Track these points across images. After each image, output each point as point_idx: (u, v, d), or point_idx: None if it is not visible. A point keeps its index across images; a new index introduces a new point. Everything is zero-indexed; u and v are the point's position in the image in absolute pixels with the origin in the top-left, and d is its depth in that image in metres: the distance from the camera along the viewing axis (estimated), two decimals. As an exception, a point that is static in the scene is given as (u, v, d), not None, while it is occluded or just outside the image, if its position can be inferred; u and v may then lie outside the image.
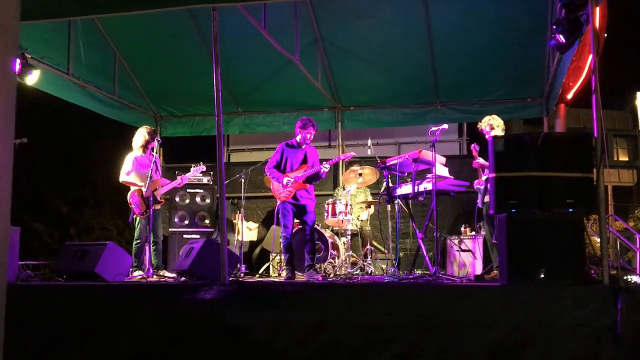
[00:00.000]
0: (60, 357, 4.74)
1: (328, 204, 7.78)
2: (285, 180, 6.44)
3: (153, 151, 7.11)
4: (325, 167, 6.41)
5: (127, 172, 7.01)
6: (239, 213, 8.29)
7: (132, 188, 7.00)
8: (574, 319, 4.05)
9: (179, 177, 7.24)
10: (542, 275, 4.34)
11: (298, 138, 6.59)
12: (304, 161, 6.57)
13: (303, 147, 6.59)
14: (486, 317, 4.21)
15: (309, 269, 6.34)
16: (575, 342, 4.00)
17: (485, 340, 4.15)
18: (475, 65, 8.32)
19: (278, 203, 6.62)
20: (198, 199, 8.69)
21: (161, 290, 5.25)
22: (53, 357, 4.77)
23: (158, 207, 7.03)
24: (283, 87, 9.15)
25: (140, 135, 7.10)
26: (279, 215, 6.59)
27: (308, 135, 6.52)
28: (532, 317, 4.12)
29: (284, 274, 6.71)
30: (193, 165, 7.31)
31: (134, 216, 7.00)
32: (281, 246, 6.59)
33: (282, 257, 6.74)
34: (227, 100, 9.40)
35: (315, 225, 7.72)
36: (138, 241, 6.93)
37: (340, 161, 9.56)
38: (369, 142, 7.41)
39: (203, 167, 7.31)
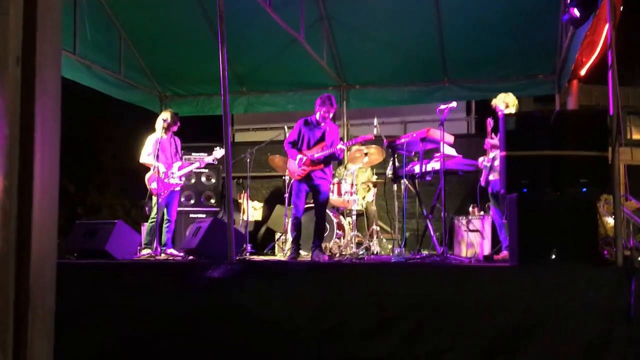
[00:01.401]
0: (69, 333, 4.71)
1: (334, 184, 7.69)
2: (298, 157, 6.32)
3: (170, 134, 7.26)
4: (341, 148, 6.28)
5: (148, 154, 7.14)
6: (244, 193, 8.22)
7: (152, 169, 7.03)
8: (587, 301, 3.96)
9: (196, 159, 7.42)
10: (554, 256, 4.25)
11: (317, 115, 6.45)
12: (322, 139, 6.43)
13: (322, 125, 6.45)
14: (496, 298, 4.13)
15: (315, 248, 6.27)
16: (588, 325, 3.91)
17: (496, 322, 4.07)
18: (484, 41, 8.15)
19: (292, 181, 6.57)
20: (204, 179, 8.64)
21: (170, 269, 5.23)
22: (62, 333, 4.75)
23: (177, 187, 7.22)
24: (288, 66, 9.02)
25: (164, 118, 7.21)
26: (292, 193, 6.52)
27: (326, 114, 6.37)
28: (544, 299, 4.04)
29: (288, 253, 6.65)
30: (216, 147, 7.32)
31: (152, 196, 7.09)
32: (290, 225, 6.53)
33: (290, 235, 6.67)
34: (232, 80, 9.20)
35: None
36: (153, 220, 6.97)
37: (346, 139, 9.50)
38: (375, 121, 7.30)
39: (221, 152, 7.26)
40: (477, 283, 4.30)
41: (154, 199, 7.03)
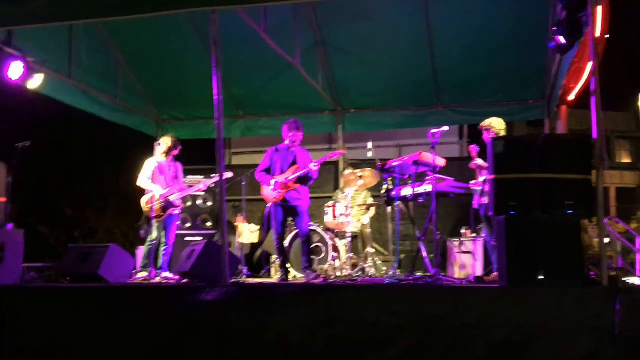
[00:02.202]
0: (62, 358, 4.76)
1: (328, 207, 7.78)
2: (272, 182, 6.50)
3: (168, 158, 7.32)
4: (314, 167, 6.43)
5: (147, 177, 7.20)
6: (240, 215, 8.29)
7: (150, 193, 7.09)
8: (574, 320, 4.05)
9: (193, 183, 7.50)
10: (542, 277, 4.33)
11: (286, 141, 6.64)
12: (294, 162, 6.63)
13: (292, 149, 6.65)
14: (486, 318, 4.22)
15: (306, 269, 6.39)
16: (575, 343, 4.00)
17: (486, 341, 4.15)
18: (476, 67, 8.30)
19: (268, 205, 6.70)
20: (199, 202, 8.71)
21: (163, 292, 5.28)
22: (55, 357, 4.79)
23: (176, 211, 7.28)
24: (284, 90, 9.14)
25: (165, 143, 7.31)
26: (270, 218, 6.66)
27: (295, 138, 6.61)
28: (532, 318, 4.13)
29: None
30: (213, 175, 7.43)
31: (149, 219, 7.12)
32: (275, 249, 6.64)
33: (278, 259, 6.77)
34: (228, 104, 9.39)
35: (317, 227, 7.74)
36: (151, 243, 7.01)
37: (342, 163, 9.61)
38: (370, 144, 7.41)
39: (230, 174, 7.34)
40: (468, 303, 4.38)
41: (153, 222, 7.07)
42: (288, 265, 7.02)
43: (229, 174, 7.27)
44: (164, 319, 4.79)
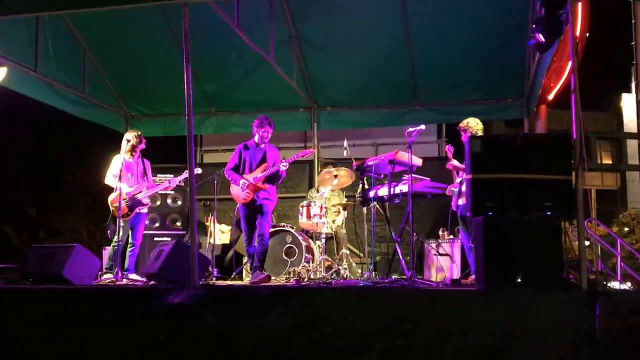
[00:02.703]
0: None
1: (302, 207, 7.72)
2: (241, 182, 6.44)
3: (134, 155, 7.16)
4: (284, 166, 6.40)
5: (114, 175, 7.05)
6: (211, 215, 8.19)
7: (116, 190, 6.96)
8: (552, 324, 4.06)
9: (162, 181, 7.36)
10: (520, 280, 4.33)
11: (256, 138, 6.62)
12: (263, 160, 6.57)
13: (262, 146, 6.61)
14: (463, 321, 4.21)
15: (255, 269, 6.36)
16: (553, 347, 4.00)
17: (462, 345, 4.14)
18: (454, 65, 8.32)
19: (238, 206, 6.62)
20: (169, 201, 8.59)
21: (129, 294, 5.20)
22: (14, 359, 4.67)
23: (144, 210, 7.18)
24: (258, 87, 9.07)
25: (128, 139, 7.15)
26: (240, 220, 6.59)
27: (265, 134, 6.55)
28: (509, 322, 4.13)
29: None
30: (186, 170, 7.25)
31: (116, 218, 6.97)
32: (245, 250, 6.58)
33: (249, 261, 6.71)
34: (200, 100, 9.31)
35: (290, 228, 7.68)
36: (116, 243, 6.88)
37: (316, 161, 9.56)
38: (345, 143, 7.37)
39: (199, 170, 7.25)
40: (444, 307, 4.38)
41: (118, 221, 6.95)
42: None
43: (197, 170, 7.16)
44: (130, 323, 4.70)
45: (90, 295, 5.18)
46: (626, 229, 9.99)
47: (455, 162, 6.22)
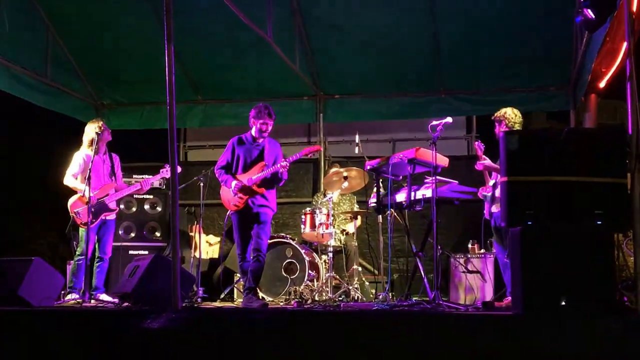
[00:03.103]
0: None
1: (306, 214, 7.72)
2: (233, 184, 6.36)
3: (98, 150, 7.07)
4: (283, 166, 6.32)
5: (74, 174, 7.05)
6: (197, 224, 8.20)
7: (78, 193, 6.95)
8: (603, 355, 4.03)
9: (138, 182, 7.27)
10: (565, 303, 4.31)
11: (252, 131, 6.53)
12: (260, 158, 6.49)
13: (260, 141, 6.52)
14: (496, 354, 4.18)
15: (249, 292, 6.27)
16: (604, 384, 3.98)
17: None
18: (487, 45, 8.33)
19: (229, 213, 6.58)
20: (147, 207, 8.62)
21: (98, 318, 5.18)
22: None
23: (111, 216, 7.15)
24: (253, 71, 9.11)
25: (90, 130, 7.12)
26: (232, 229, 6.56)
27: (264, 127, 6.45)
28: (552, 354, 4.10)
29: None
30: (165, 166, 7.25)
31: (78, 227, 6.99)
32: (238, 266, 6.55)
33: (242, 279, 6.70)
34: (185, 86, 9.34)
35: (290, 240, 7.69)
36: (80, 257, 6.88)
37: (322, 160, 9.57)
38: (357, 138, 7.37)
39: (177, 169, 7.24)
40: (474, 336, 4.35)
41: (81, 231, 6.94)
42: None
43: (169, 172, 7.15)
44: (99, 353, 4.70)
45: (51, 319, 5.17)
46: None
47: (487, 161, 6.21)
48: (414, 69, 8.96)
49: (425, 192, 6.05)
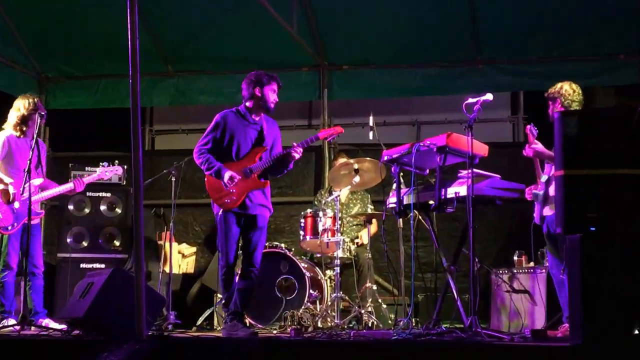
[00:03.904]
0: None
1: (306, 218, 7.71)
2: (227, 175, 6.23)
3: (36, 134, 6.96)
4: (296, 152, 6.28)
5: None
6: (167, 230, 8.20)
7: None
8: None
9: (73, 180, 7.19)
10: (637, 332, 4.30)
11: (248, 103, 6.46)
12: (260, 141, 6.43)
13: (256, 118, 6.46)
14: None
15: (233, 318, 6.25)
16: None
17: None
18: (536, 2, 8.30)
19: (218, 212, 6.45)
20: (103, 208, 8.61)
21: (40, 350, 5.18)
22: None
23: (36, 220, 7.01)
24: (238, 36, 9.13)
25: (16, 108, 7.09)
26: (218, 232, 6.47)
27: (267, 98, 6.36)
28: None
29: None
30: (103, 163, 7.21)
31: None
32: (219, 281, 6.52)
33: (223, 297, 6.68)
34: (151, 55, 9.34)
35: (286, 250, 7.68)
36: (5, 273, 6.87)
37: (326, 149, 9.56)
38: (371, 120, 7.35)
39: (118, 169, 7.21)
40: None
41: (2, 238, 6.87)
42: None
43: (112, 170, 7.14)
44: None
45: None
46: None
47: (539, 146, 6.18)
48: (442, 32, 8.99)
49: (458, 190, 6.02)
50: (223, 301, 6.50)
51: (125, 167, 7.65)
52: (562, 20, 8.56)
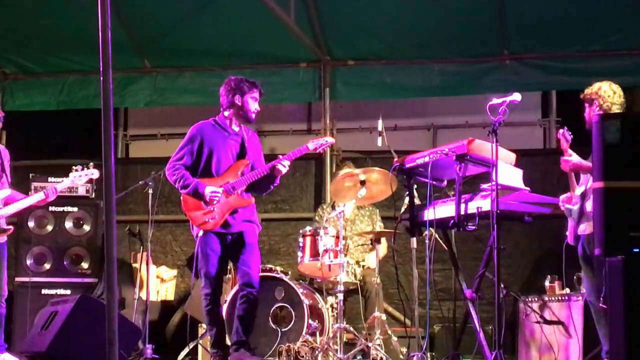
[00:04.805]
0: None
1: (304, 236, 7.72)
2: (208, 190, 6.32)
3: None
4: (283, 166, 6.36)
5: None
6: (143, 251, 8.20)
7: None
8: None
9: (45, 190, 7.17)
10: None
11: (227, 113, 6.56)
12: (242, 155, 6.53)
13: (237, 130, 6.56)
14: None
15: (239, 347, 6.30)
16: None
17: None
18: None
19: (197, 234, 6.51)
20: (69, 224, 8.62)
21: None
22: None
23: (3, 238, 7.02)
24: (226, 27, 9.16)
25: None
26: (199, 257, 6.50)
27: (253, 107, 6.47)
28: None
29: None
30: (76, 167, 7.23)
31: None
32: (205, 312, 6.53)
33: (208, 331, 6.70)
34: (126, 48, 9.35)
35: (282, 275, 7.68)
36: None
37: (329, 157, 9.57)
38: (380, 124, 7.37)
39: (93, 172, 7.22)
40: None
41: None
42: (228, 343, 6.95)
43: (95, 173, 7.14)
44: None
45: None
46: None
47: (575, 158, 6.20)
48: (464, 24, 9.01)
49: (481, 204, 6.03)
50: (210, 340, 6.52)
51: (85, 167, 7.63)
52: (601, 10, 8.57)
